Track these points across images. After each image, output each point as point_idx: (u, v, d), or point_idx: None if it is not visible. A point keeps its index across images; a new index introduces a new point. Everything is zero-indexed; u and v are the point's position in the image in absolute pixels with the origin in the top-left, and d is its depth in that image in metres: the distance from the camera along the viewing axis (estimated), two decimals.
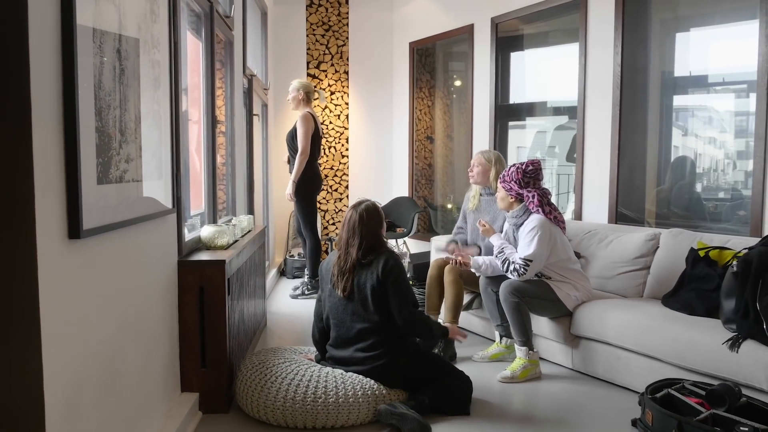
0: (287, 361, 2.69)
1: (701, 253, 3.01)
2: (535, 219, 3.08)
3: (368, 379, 2.56)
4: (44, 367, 1.35)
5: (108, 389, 1.75)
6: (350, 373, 2.59)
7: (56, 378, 1.42)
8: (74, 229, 1.49)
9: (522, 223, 3.15)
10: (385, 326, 2.61)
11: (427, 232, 6.30)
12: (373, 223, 2.70)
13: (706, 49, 3.90)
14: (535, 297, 3.07)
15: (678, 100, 4.07)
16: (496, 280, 3.25)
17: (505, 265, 3.10)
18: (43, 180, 1.37)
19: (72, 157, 1.48)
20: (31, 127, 1.30)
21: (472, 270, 3.34)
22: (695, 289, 2.93)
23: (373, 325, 2.61)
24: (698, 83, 3.93)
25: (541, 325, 3.28)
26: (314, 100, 5.00)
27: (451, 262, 3.36)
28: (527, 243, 3.05)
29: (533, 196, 3.10)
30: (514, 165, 3.15)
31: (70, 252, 1.50)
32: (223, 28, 3.52)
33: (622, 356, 2.94)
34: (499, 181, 3.22)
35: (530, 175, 3.11)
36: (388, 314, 2.62)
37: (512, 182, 3.13)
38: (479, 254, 3.53)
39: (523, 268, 3.02)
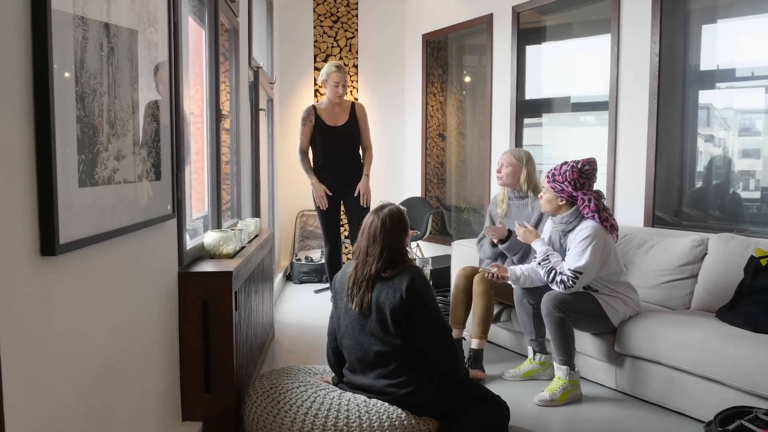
0: (303, 385, 2.37)
1: (763, 262, 2.70)
2: (589, 226, 2.74)
3: (394, 407, 2.25)
4: (6, 419, 1.06)
5: (95, 426, 1.46)
6: (374, 400, 2.27)
7: (25, 429, 1.12)
8: (48, 243, 1.19)
9: (572, 230, 2.82)
10: (407, 349, 2.29)
11: (439, 234, 6.00)
12: (396, 231, 2.36)
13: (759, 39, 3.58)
14: (580, 312, 2.75)
15: (720, 95, 3.75)
16: (533, 291, 2.94)
17: (551, 275, 2.76)
18: (7, 183, 1.07)
19: (45, 153, 1.17)
20: None
21: (509, 282, 3.01)
22: (758, 302, 2.61)
23: (393, 349, 2.28)
24: (744, 74, 3.61)
25: (581, 340, 2.96)
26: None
27: (487, 275, 3.03)
28: (579, 252, 2.71)
29: (589, 200, 2.76)
30: (566, 163, 2.79)
31: (43, 272, 1.19)
32: (228, 14, 3.22)
33: (675, 378, 2.63)
34: (546, 180, 2.85)
35: (587, 175, 2.76)
36: (410, 338, 2.30)
37: (565, 183, 2.76)
38: (509, 237, 3.19)
39: (572, 281, 2.69)
